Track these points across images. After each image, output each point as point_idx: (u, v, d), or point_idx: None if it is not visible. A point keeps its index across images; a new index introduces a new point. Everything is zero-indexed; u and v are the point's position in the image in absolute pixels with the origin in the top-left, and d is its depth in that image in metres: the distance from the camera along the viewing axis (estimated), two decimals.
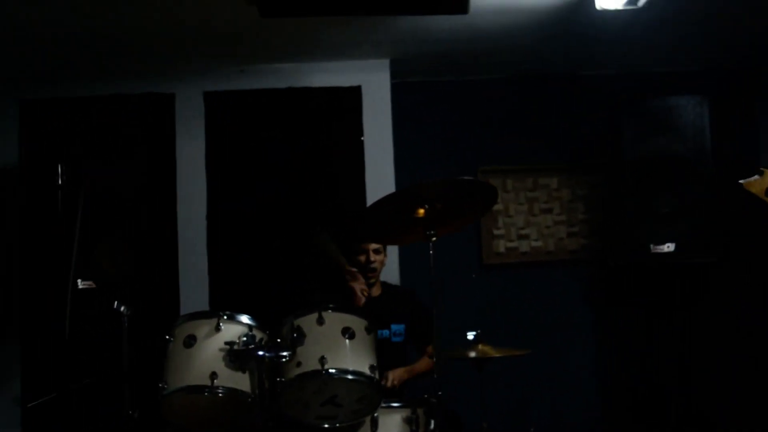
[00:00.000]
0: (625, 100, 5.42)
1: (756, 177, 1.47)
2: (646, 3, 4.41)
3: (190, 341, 3.63)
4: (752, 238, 5.85)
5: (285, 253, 5.40)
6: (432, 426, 3.91)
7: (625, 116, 5.25)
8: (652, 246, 5.12)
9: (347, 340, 3.70)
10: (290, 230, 5.42)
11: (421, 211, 3.89)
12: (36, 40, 4.86)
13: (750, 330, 5.86)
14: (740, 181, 1.47)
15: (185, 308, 5.22)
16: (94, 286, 4.17)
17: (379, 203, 3.94)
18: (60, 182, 4.28)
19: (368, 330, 3.80)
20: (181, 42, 5.04)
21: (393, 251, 5.28)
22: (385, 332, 4.64)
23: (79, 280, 4.26)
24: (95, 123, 5.35)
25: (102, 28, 4.72)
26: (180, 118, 5.44)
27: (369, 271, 4.72)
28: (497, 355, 4.22)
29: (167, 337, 3.69)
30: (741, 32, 5.32)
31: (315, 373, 3.60)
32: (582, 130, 5.90)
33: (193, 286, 5.32)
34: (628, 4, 4.40)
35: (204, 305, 5.25)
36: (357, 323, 3.77)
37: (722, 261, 5.10)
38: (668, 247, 5.08)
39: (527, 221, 5.94)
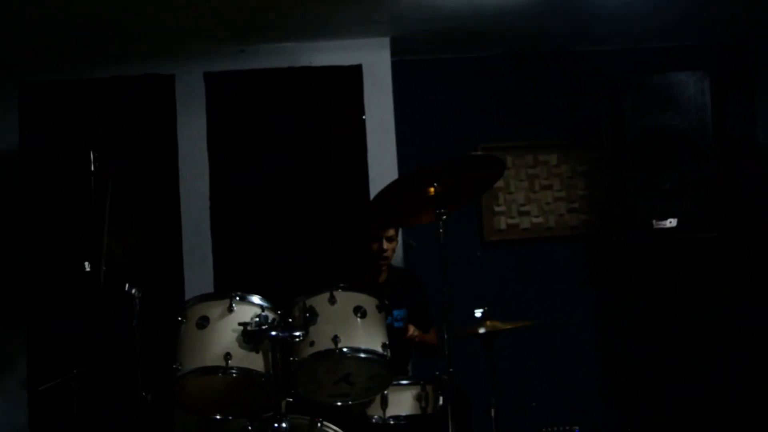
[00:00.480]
0: (626, 76, 5.42)
1: None
2: None
3: (203, 323, 3.63)
4: (753, 213, 5.90)
5: (288, 232, 5.40)
6: (440, 402, 3.97)
7: (626, 92, 5.24)
8: (654, 222, 5.15)
9: (359, 319, 3.73)
10: (293, 209, 5.43)
11: (432, 189, 3.93)
12: (34, 22, 4.84)
13: (751, 305, 5.92)
14: None
15: (190, 289, 5.23)
16: (104, 268, 4.15)
17: (391, 186, 3.99)
18: (92, 169, 4.27)
19: (379, 308, 3.82)
20: (181, 22, 5.02)
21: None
22: (387, 318, 4.67)
23: (86, 263, 4.24)
24: (95, 105, 5.33)
25: (101, 9, 4.70)
26: (180, 99, 5.41)
27: (382, 260, 4.70)
28: (507, 327, 4.26)
29: (179, 318, 3.69)
30: (738, 7, 5.35)
31: (329, 352, 3.62)
32: (582, 106, 5.91)
33: (198, 266, 5.32)
34: None
35: (209, 286, 5.26)
36: (368, 302, 3.79)
37: (724, 236, 5.14)
38: (670, 222, 5.11)
39: (528, 198, 5.96)
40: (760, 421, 5.80)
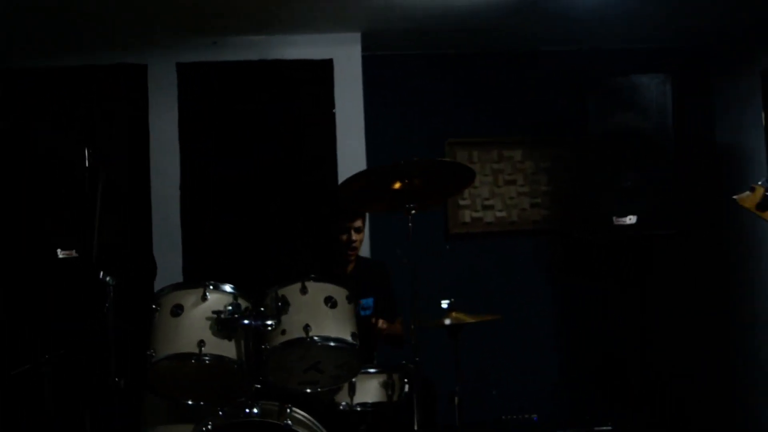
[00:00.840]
0: (591, 77, 5.55)
1: (747, 193, 1.59)
2: None
3: (177, 310, 3.69)
4: (709, 213, 6.08)
5: (258, 222, 5.47)
6: (406, 390, 4.08)
7: (590, 92, 5.36)
8: (614, 218, 5.27)
9: (330, 309, 3.81)
10: (262, 200, 5.50)
11: (398, 184, 4.05)
12: (6, 10, 4.83)
13: (704, 301, 6.11)
14: (734, 197, 1.59)
15: (159, 277, 5.26)
16: (75, 255, 4.21)
17: (358, 176, 4.08)
18: (87, 165, 4.31)
19: (349, 299, 3.91)
20: (154, 12, 5.05)
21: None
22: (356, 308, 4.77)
23: (58, 250, 4.29)
24: (68, 93, 5.35)
25: None
26: (153, 89, 5.45)
27: (350, 250, 4.79)
28: (471, 321, 4.38)
29: (153, 306, 3.74)
30: (700, 13, 5.48)
31: (300, 341, 3.70)
32: (548, 104, 6.05)
33: (167, 254, 5.35)
34: None
35: (177, 275, 5.32)
36: (339, 292, 3.88)
37: (681, 234, 5.28)
38: (630, 219, 5.24)
39: (492, 192, 6.08)
40: (708, 411, 6.00)
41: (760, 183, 1.62)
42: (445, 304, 4.44)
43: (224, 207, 5.48)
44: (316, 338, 3.71)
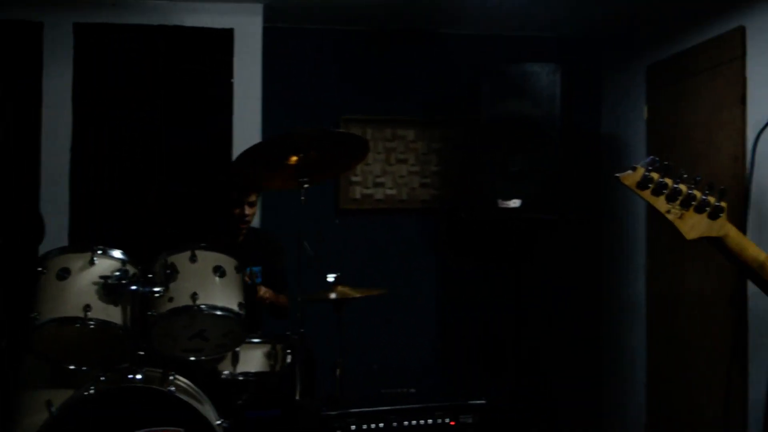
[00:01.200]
0: (486, 62, 5.71)
1: (629, 171, 1.72)
2: None
3: (64, 274, 3.68)
4: (590, 200, 6.33)
5: (150, 189, 5.44)
6: (289, 360, 4.17)
7: (484, 78, 5.51)
8: (499, 201, 5.45)
9: (218, 278, 3.87)
10: (156, 167, 5.47)
11: (294, 158, 4.10)
12: None
13: (581, 283, 6.38)
14: (616, 175, 1.72)
15: (45, 241, 5.19)
16: None
17: (254, 150, 4.12)
18: None
19: (237, 269, 3.97)
20: None
21: None
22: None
23: None
24: None
25: None
26: (48, 48, 5.32)
27: (243, 223, 4.82)
28: (356, 296, 4.49)
29: (39, 269, 3.71)
30: (592, 4, 5.63)
31: (186, 309, 3.75)
32: (442, 86, 6.17)
33: (54, 219, 5.26)
34: None
35: (64, 239, 5.26)
36: (228, 262, 3.94)
37: (563, 219, 5.50)
38: (514, 203, 5.42)
39: (383, 170, 6.19)
40: (578, 389, 6.28)
41: (641, 164, 1.77)
42: (331, 278, 4.55)
43: (116, 172, 5.42)
44: (203, 306, 3.77)
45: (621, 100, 6.28)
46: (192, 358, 3.96)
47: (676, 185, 1.74)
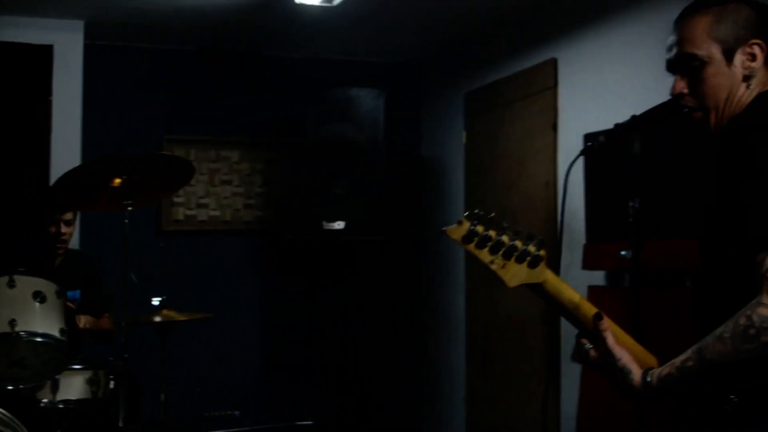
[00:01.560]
0: (311, 86, 5.79)
1: (455, 225, 1.81)
2: (341, 2, 4.81)
3: None
4: (413, 220, 6.51)
5: None
6: (112, 386, 4.09)
7: (309, 101, 5.58)
8: (324, 223, 5.53)
9: (38, 304, 3.76)
10: None
11: (117, 180, 4.04)
12: None
13: (403, 302, 6.55)
14: (443, 229, 1.80)
15: None
16: None
17: (74, 171, 4.02)
18: None
19: (58, 294, 3.87)
20: None
21: None
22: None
23: None
24: None
25: None
26: None
27: (59, 243, 4.66)
28: (182, 319, 4.44)
29: None
30: (409, 30, 5.84)
31: (4, 336, 3.62)
32: (268, 109, 6.21)
33: None
34: (324, 1, 4.77)
35: None
36: (48, 287, 3.83)
37: (387, 239, 5.64)
38: (339, 224, 5.51)
39: (207, 191, 6.15)
40: (401, 404, 6.43)
41: (465, 215, 1.85)
42: (156, 301, 4.48)
43: None
44: (22, 333, 3.65)
45: (441, 124, 6.49)
46: (10, 387, 3.80)
47: (499, 237, 1.86)
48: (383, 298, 6.44)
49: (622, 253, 3.93)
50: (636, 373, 1.91)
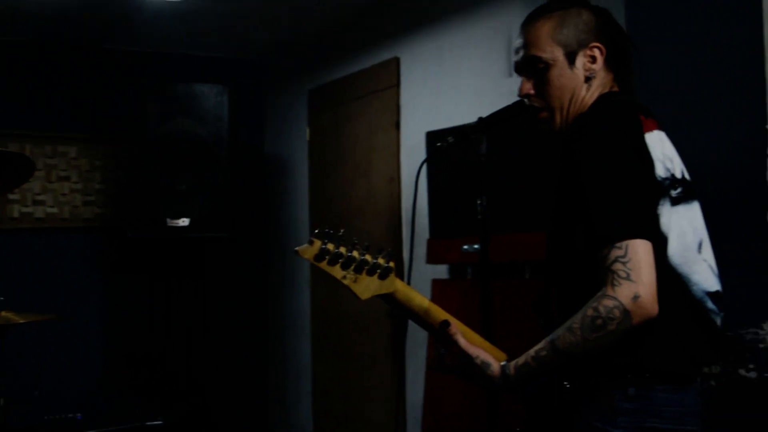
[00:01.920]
0: (153, 81, 5.68)
1: (306, 245, 1.85)
2: None
3: None
4: (258, 216, 6.51)
5: None
6: None
7: (151, 96, 5.45)
8: (168, 220, 5.44)
9: None
10: None
11: None
12: None
13: (250, 300, 6.54)
14: (295, 249, 1.83)
15: None
16: None
17: None
18: None
19: None
20: None
21: None
22: None
23: None
24: None
25: None
26: None
27: None
28: (21, 321, 4.29)
29: None
30: (253, 27, 5.85)
31: None
32: (107, 103, 6.07)
33: None
34: None
35: None
36: None
37: (232, 236, 5.61)
38: (183, 221, 5.44)
39: (44, 188, 5.97)
40: (248, 404, 6.43)
41: (315, 234, 1.89)
42: None
43: None
44: None
45: (285, 121, 6.52)
46: None
47: (349, 253, 1.93)
48: (230, 294, 6.42)
49: (465, 247, 4.09)
50: (494, 366, 2.00)
